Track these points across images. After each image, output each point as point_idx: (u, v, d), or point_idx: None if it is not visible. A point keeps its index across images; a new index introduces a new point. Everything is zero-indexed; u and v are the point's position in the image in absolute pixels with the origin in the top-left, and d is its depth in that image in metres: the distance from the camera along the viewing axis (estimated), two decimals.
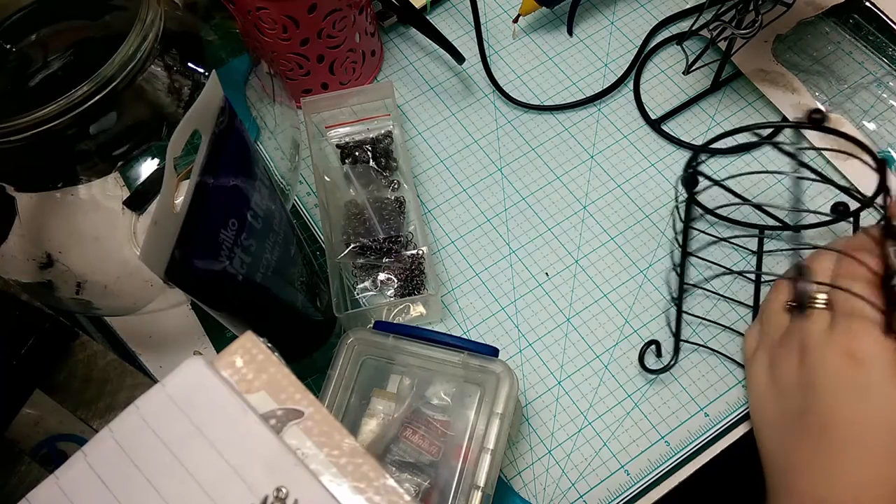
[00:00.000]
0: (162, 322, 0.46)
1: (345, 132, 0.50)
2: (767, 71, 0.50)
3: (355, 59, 0.50)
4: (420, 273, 0.44)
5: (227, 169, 0.29)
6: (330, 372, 0.37)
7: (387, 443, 0.37)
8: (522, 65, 0.54)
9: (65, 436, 0.42)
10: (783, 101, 0.49)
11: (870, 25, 0.51)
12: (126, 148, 0.34)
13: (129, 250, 0.39)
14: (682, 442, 0.41)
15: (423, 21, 0.50)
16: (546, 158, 0.50)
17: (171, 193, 0.26)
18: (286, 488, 0.20)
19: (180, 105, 0.35)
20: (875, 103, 0.49)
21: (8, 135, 0.30)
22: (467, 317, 0.45)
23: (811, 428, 0.34)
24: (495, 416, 0.35)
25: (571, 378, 0.43)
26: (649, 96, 0.51)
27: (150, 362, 0.45)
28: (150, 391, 0.22)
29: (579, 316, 0.44)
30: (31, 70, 0.34)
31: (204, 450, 0.21)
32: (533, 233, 0.47)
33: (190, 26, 0.37)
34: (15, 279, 0.38)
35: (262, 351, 0.22)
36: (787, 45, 0.51)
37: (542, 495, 0.40)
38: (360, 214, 0.45)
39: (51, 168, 0.34)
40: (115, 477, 0.21)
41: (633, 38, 0.54)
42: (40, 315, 0.42)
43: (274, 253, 0.33)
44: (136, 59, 0.31)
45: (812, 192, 0.47)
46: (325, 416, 0.21)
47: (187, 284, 0.28)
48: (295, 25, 0.44)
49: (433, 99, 0.53)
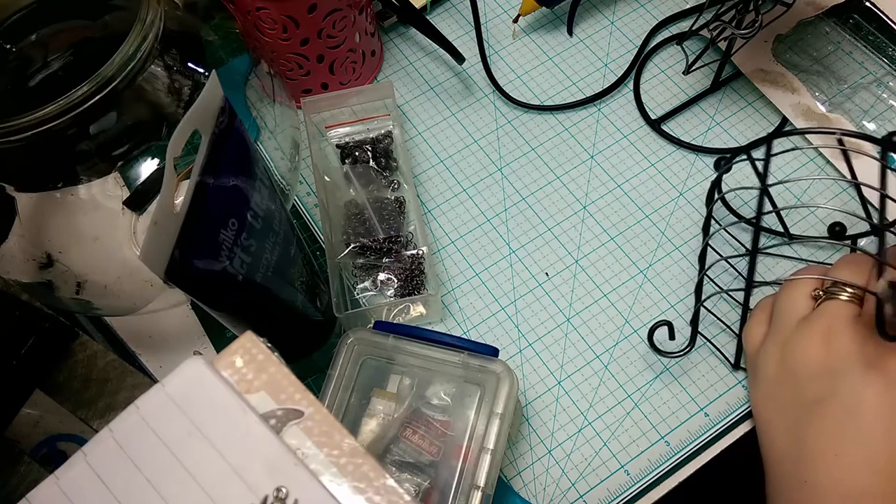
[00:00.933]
0: (162, 322, 0.46)
1: (345, 132, 0.50)
2: (767, 71, 0.50)
3: (355, 59, 0.50)
4: (420, 273, 0.44)
5: (227, 169, 0.29)
6: (330, 372, 0.37)
7: (387, 443, 0.37)
8: (522, 65, 0.54)
9: (65, 436, 0.42)
10: (783, 100, 0.49)
11: (870, 25, 0.51)
12: (126, 148, 0.34)
13: (129, 250, 0.39)
14: (682, 442, 0.41)
15: (423, 21, 0.50)
16: (546, 158, 0.50)
17: (171, 193, 0.26)
18: (286, 488, 0.20)
19: (180, 105, 0.35)
20: (875, 103, 0.49)
21: (8, 135, 0.30)
22: (467, 317, 0.45)
23: (834, 413, 0.33)
24: (495, 416, 0.35)
25: (571, 378, 0.43)
26: (649, 96, 0.51)
27: (150, 362, 0.45)
28: (150, 391, 0.22)
29: (579, 316, 0.44)
30: (31, 70, 0.34)
31: (204, 450, 0.21)
32: (533, 233, 0.47)
33: (190, 26, 0.37)
34: (15, 279, 0.38)
35: (262, 351, 0.22)
36: (787, 45, 0.51)
37: (542, 495, 0.40)
38: (360, 214, 0.45)
39: (51, 168, 0.34)
40: (115, 477, 0.21)
41: (633, 38, 0.54)
42: (40, 315, 0.42)
43: (274, 253, 0.33)
44: (136, 59, 0.31)
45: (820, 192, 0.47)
46: (325, 416, 0.21)
47: (187, 284, 0.28)
48: (295, 25, 0.44)
49: (433, 99, 0.53)
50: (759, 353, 0.38)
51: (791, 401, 0.35)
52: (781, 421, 0.36)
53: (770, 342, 0.38)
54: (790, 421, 0.35)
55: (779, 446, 0.36)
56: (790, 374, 0.36)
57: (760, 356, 0.38)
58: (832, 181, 0.47)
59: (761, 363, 0.38)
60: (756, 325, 0.40)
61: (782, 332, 0.37)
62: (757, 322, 0.40)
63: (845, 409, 0.33)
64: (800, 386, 0.35)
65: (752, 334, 0.40)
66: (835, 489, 0.32)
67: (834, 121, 0.48)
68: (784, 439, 0.35)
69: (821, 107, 0.48)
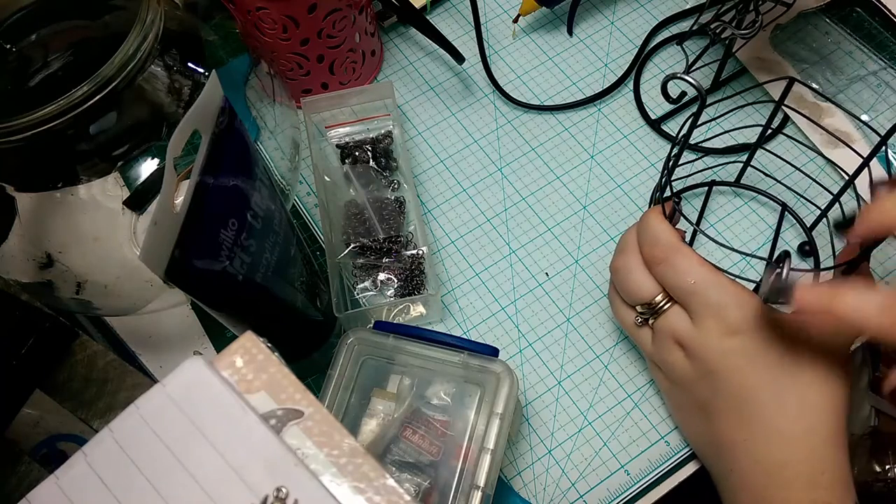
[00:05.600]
0: (162, 322, 0.46)
1: (345, 132, 0.50)
2: (764, 59, 0.50)
3: (355, 59, 0.50)
4: (420, 273, 0.44)
5: (227, 169, 0.29)
6: (330, 372, 0.37)
7: (387, 443, 0.37)
8: (522, 65, 0.54)
9: (65, 436, 0.42)
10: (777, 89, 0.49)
11: (872, 19, 0.52)
12: (126, 148, 0.34)
13: (129, 250, 0.39)
14: (681, 442, 0.41)
15: (423, 21, 0.50)
16: (546, 158, 0.50)
17: (171, 193, 0.26)
18: (286, 488, 0.20)
19: (180, 105, 0.35)
20: (870, 95, 0.49)
21: (8, 135, 0.30)
22: (467, 317, 0.45)
23: (726, 408, 0.34)
24: (495, 416, 0.35)
25: (571, 378, 0.43)
26: (649, 96, 0.51)
27: (150, 362, 0.45)
28: (150, 391, 0.22)
29: (579, 316, 0.44)
30: (31, 70, 0.34)
31: (204, 450, 0.21)
32: (533, 233, 0.47)
33: (190, 26, 0.37)
34: (15, 279, 0.38)
35: (262, 351, 0.22)
36: (786, 34, 0.51)
37: (542, 495, 0.40)
38: (360, 214, 0.45)
39: (51, 168, 0.34)
40: (115, 477, 0.21)
41: (633, 38, 0.54)
42: (40, 315, 0.42)
43: (274, 253, 0.33)
44: (136, 59, 0.31)
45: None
46: (325, 416, 0.21)
47: (187, 284, 0.28)
48: (295, 25, 0.44)
49: (433, 99, 0.53)
50: (653, 375, 0.40)
51: (690, 407, 0.37)
52: (692, 425, 0.38)
53: (650, 361, 0.40)
54: (698, 424, 0.37)
55: (699, 446, 0.38)
56: (678, 385, 0.37)
57: (653, 372, 0.40)
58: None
59: (658, 384, 0.40)
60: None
61: (650, 355, 0.38)
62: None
63: (732, 399, 0.34)
64: (690, 392, 0.37)
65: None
66: (757, 469, 0.33)
67: (825, 109, 0.48)
68: (701, 439, 0.38)
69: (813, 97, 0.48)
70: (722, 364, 0.34)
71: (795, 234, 0.46)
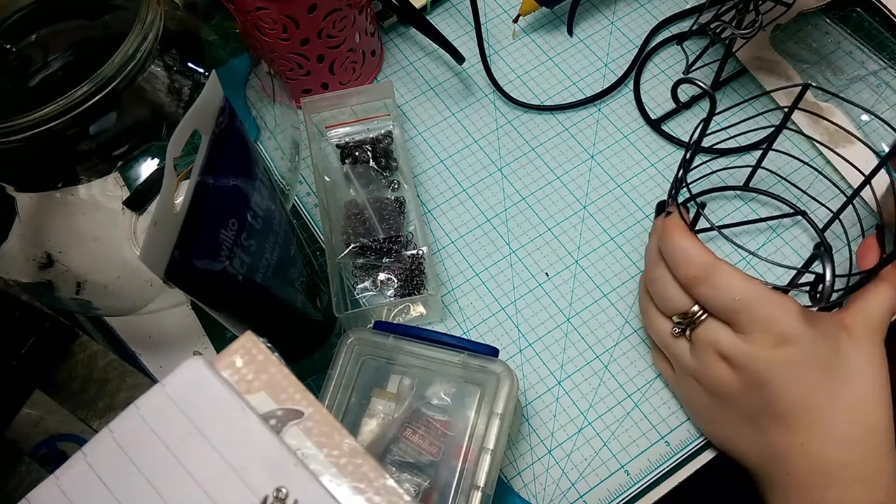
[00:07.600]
0: (162, 322, 0.46)
1: (345, 132, 0.50)
2: (764, 59, 0.50)
3: (355, 59, 0.50)
4: (420, 273, 0.44)
5: (227, 169, 0.29)
6: (330, 372, 0.37)
7: (387, 443, 0.37)
8: (522, 65, 0.53)
9: (65, 436, 0.42)
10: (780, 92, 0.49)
11: (872, 19, 0.52)
12: (126, 148, 0.34)
13: (129, 250, 0.39)
14: (681, 442, 0.41)
15: (423, 21, 0.50)
16: (546, 158, 0.50)
17: (171, 193, 0.26)
18: (286, 488, 0.20)
19: (180, 105, 0.35)
20: (870, 95, 0.49)
21: (8, 135, 0.30)
22: (467, 317, 0.45)
23: (779, 416, 0.34)
24: (495, 416, 0.35)
25: (571, 378, 0.43)
26: (649, 96, 0.51)
27: (150, 362, 0.45)
28: (150, 391, 0.22)
29: (579, 316, 0.44)
30: (31, 70, 0.34)
31: (204, 450, 0.21)
32: (533, 233, 0.47)
33: (190, 26, 0.37)
34: (15, 279, 0.38)
35: (262, 351, 0.22)
36: (786, 34, 0.51)
37: (542, 495, 0.40)
38: (360, 214, 0.45)
39: (51, 168, 0.34)
40: (115, 477, 0.21)
41: (633, 38, 0.54)
42: (40, 315, 0.42)
43: (274, 253, 0.33)
44: (135, 59, 0.31)
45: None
46: (325, 417, 0.21)
47: (187, 284, 0.28)
48: (295, 25, 0.44)
49: (433, 99, 0.53)
50: (682, 385, 0.40)
51: (737, 420, 0.37)
52: (740, 439, 0.37)
53: (682, 376, 0.39)
54: (748, 434, 0.36)
55: (751, 457, 0.37)
56: (720, 399, 0.37)
57: (684, 389, 0.39)
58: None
59: (689, 395, 0.39)
60: (661, 362, 0.41)
61: (686, 369, 0.38)
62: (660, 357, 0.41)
63: (787, 406, 0.34)
64: (735, 406, 0.36)
65: (664, 368, 0.41)
66: (816, 470, 0.34)
67: (826, 110, 0.48)
68: (753, 450, 0.37)
69: (813, 97, 0.48)
70: (774, 374, 0.34)
71: (802, 231, 0.46)
